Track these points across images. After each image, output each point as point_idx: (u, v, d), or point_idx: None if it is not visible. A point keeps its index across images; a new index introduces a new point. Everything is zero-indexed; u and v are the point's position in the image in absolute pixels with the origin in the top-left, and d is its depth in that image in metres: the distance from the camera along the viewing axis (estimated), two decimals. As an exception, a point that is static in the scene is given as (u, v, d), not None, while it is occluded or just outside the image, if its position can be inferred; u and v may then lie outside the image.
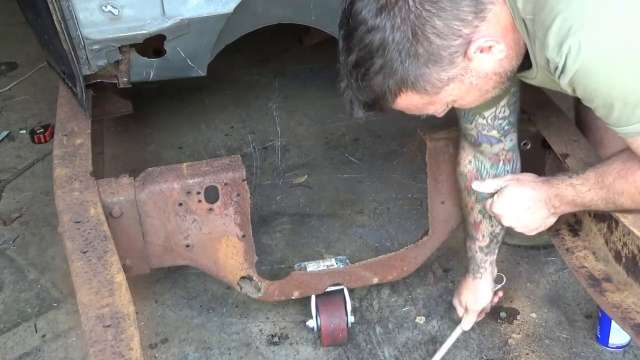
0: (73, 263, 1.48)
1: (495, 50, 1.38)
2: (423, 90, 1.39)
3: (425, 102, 1.43)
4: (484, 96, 1.47)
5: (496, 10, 1.36)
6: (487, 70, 1.40)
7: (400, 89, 1.38)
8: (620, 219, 1.55)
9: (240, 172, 1.76)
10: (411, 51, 1.33)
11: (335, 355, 2.01)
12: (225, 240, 1.83)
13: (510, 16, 1.38)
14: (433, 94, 1.40)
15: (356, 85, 1.39)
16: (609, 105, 1.34)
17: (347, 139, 2.96)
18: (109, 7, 1.84)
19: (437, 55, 1.34)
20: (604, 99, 1.33)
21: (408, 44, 1.32)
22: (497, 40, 1.37)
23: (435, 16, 1.31)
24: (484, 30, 1.35)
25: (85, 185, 1.75)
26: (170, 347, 2.07)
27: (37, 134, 3.05)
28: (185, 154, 2.92)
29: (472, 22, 1.34)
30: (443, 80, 1.38)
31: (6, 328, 2.15)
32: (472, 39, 1.35)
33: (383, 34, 1.32)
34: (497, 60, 1.40)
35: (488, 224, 1.87)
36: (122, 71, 2.04)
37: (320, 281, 1.97)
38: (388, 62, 1.34)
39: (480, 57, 1.37)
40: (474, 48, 1.35)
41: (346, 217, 2.53)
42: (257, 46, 3.57)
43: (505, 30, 1.39)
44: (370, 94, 1.40)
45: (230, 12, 1.93)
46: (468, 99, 1.47)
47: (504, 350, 2.00)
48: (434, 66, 1.36)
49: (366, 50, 1.34)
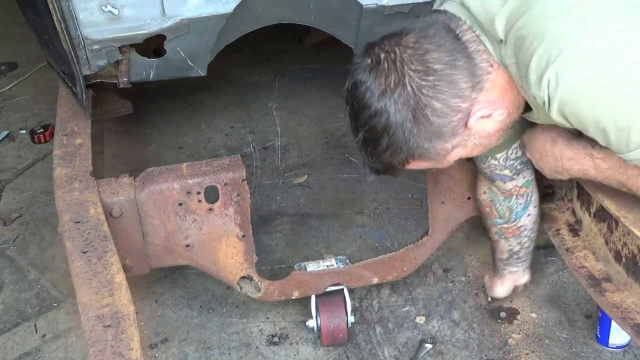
0: (73, 263, 1.49)
1: (495, 115, 1.43)
2: (429, 159, 1.47)
3: (433, 164, 1.51)
4: (488, 148, 1.54)
5: (492, 77, 1.40)
6: (489, 131, 1.46)
7: (407, 161, 1.47)
8: (620, 219, 1.55)
9: (240, 172, 1.76)
10: (413, 131, 1.40)
11: (335, 355, 2.01)
12: (225, 240, 1.83)
13: (506, 75, 1.42)
14: (439, 160, 1.49)
15: (367, 157, 1.49)
16: (602, 131, 1.34)
17: (347, 139, 2.96)
18: (109, 7, 1.84)
19: (439, 132, 1.41)
20: (595, 126, 1.34)
21: (410, 125, 1.39)
22: (496, 106, 1.42)
23: (434, 99, 1.37)
24: (482, 99, 1.40)
25: (85, 185, 1.75)
26: (170, 347, 2.07)
27: (37, 134, 3.05)
28: (185, 154, 2.92)
29: (469, 96, 1.39)
30: (447, 149, 1.46)
31: (6, 328, 2.15)
32: (471, 111, 1.40)
33: (386, 118, 1.39)
34: (497, 121, 1.45)
35: (505, 243, 1.98)
36: (122, 71, 2.04)
37: (320, 281, 1.97)
38: (393, 142, 1.42)
39: (481, 123, 1.42)
40: (474, 119, 1.41)
41: (346, 217, 2.53)
42: (257, 46, 3.57)
43: (503, 91, 1.43)
44: (380, 165, 1.49)
45: (230, 12, 1.93)
46: (474, 153, 1.54)
47: (504, 350, 2.00)
48: (437, 140, 1.42)
49: (371, 132, 1.43)
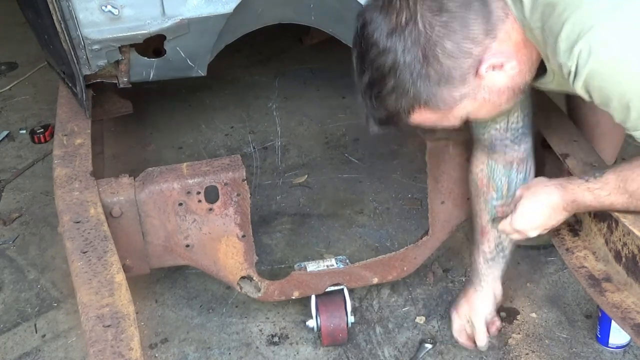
0: (73, 263, 1.48)
1: (507, 67, 1.39)
2: (436, 107, 1.40)
3: (438, 117, 1.44)
4: (497, 109, 1.49)
5: (507, 28, 1.37)
6: (499, 86, 1.41)
7: (413, 108, 1.40)
8: (620, 219, 1.55)
9: (240, 172, 1.76)
10: (422, 72, 1.34)
11: (335, 355, 2.01)
12: (225, 240, 1.83)
13: (521, 32, 1.39)
14: (446, 110, 1.42)
15: (370, 104, 1.42)
16: (625, 107, 1.33)
17: (347, 139, 2.96)
18: (109, 7, 1.84)
19: (448, 76, 1.36)
20: (620, 100, 1.32)
21: (419, 66, 1.34)
22: (509, 57, 1.38)
23: (446, 38, 1.32)
24: (495, 48, 1.36)
25: (85, 185, 1.75)
26: (170, 347, 2.07)
27: (37, 134, 3.05)
28: (185, 154, 2.92)
29: (483, 42, 1.35)
30: (455, 98, 1.40)
31: (6, 328, 2.15)
32: (483, 58, 1.35)
33: (394, 56, 1.34)
34: (509, 76, 1.40)
35: (495, 233, 1.86)
36: (122, 71, 2.04)
37: (320, 281, 1.97)
38: (400, 83, 1.36)
39: (492, 74, 1.38)
40: (485, 67, 1.36)
41: (346, 217, 2.53)
42: (257, 46, 3.57)
43: (517, 47, 1.39)
44: (384, 112, 1.42)
45: (230, 12, 1.93)
46: (482, 113, 1.48)
47: (504, 350, 2.00)
48: (446, 86, 1.37)
49: (378, 72, 1.37)
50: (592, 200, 1.53)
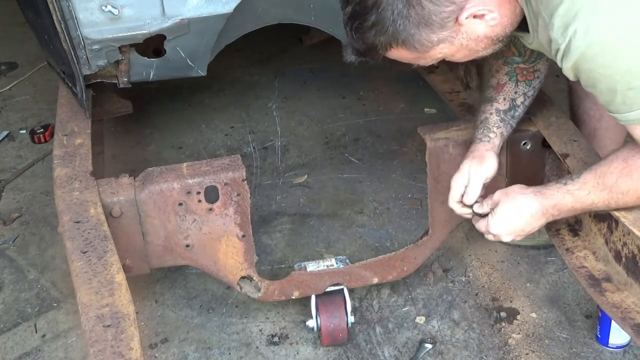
0: (73, 263, 1.49)
1: (487, 18, 1.41)
2: (413, 48, 1.44)
3: (415, 56, 1.48)
4: (474, 54, 1.51)
5: None
6: (478, 34, 1.44)
7: (390, 45, 1.43)
8: (620, 219, 1.55)
9: (240, 172, 1.76)
10: (403, 13, 1.37)
11: (335, 355, 2.01)
12: (225, 240, 1.83)
13: None
14: (423, 51, 1.45)
15: (350, 34, 1.45)
16: (612, 90, 1.35)
17: (347, 139, 2.96)
18: (109, 7, 1.84)
19: (428, 19, 1.38)
20: (607, 84, 1.34)
21: (401, 6, 1.37)
22: (491, 8, 1.40)
23: None
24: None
25: (85, 185, 1.75)
26: (170, 347, 2.07)
27: (37, 134, 3.05)
28: (185, 154, 2.92)
29: None
30: (433, 41, 1.43)
31: (6, 328, 2.15)
32: (465, 6, 1.38)
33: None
34: (489, 26, 1.43)
35: (512, 87, 1.80)
36: (122, 71, 2.04)
37: (320, 281, 1.97)
38: (380, 20, 1.39)
39: (472, 22, 1.40)
40: (466, 14, 1.39)
41: (346, 217, 2.53)
42: (257, 46, 3.57)
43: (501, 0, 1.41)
44: (362, 44, 1.45)
45: (230, 12, 1.93)
46: (457, 57, 1.50)
47: (504, 350, 2.00)
48: (425, 28, 1.40)
49: (361, 6, 1.40)
50: (574, 202, 1.54)
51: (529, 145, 1.93)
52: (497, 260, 2.30)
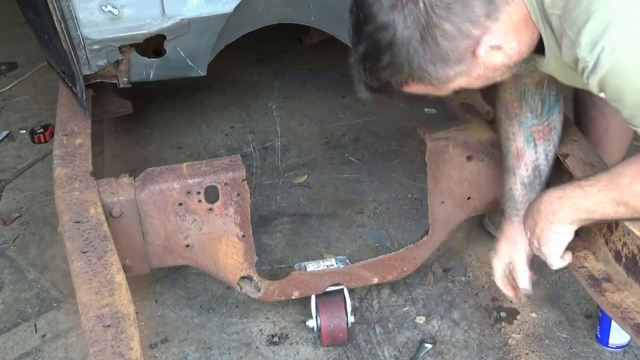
0: (73, 263, 1.49)
1: (506, 48, 1.37)
2: (430, 83, 1.40)
3: (431, 90, 1.44)
4: (491, 81, 1.48)
5: (510, 10, 1.34)
6: (495, 64, 1.40)
7: (407, 82, 1.40)
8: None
9: (240, 172, 1.76)
10: (419, 51, 1.33)
11: (335, 355, 2.01)
12: (225, 240, 1.83)
13: (525, 13, 1.37)
14: (440, 85, 1.42)
15: (364, 73, 1.40)
16: (637, 106, 1.32)
17: (347, 139, 2.96)
18: (109, 7, 1.84)
19: (444, 56, 1.34)
20: (634, 98, 1.32)
21: (416, 45, 1.32)
22: (509, 39, 1.36)
23: (446, 20, 1.30)
24: (496, 31, 1.34)
25: (85, 185, 1.75)
26: (170, 347, 2.07)
27: (37, 134, 3.05)
28: (185, 154, 2.92)
29: (483, 24, 1.32)
30: (450, 75, 1.39)
31: (6, 328, 2.15)
32: (482, 40, 1.34)
33: (393, 33, 1.32)
34: (508, 55, 1.39)
35: (532, 152, 1.79)
36: (122, 71, 2.04)
37: (320, 281, 1.97)
38: (395, 60, 1.35)
39: (490, 53, 1.36)
40: (484, 49, 1.35)
41: (346, 217, 2.53)
42: (257, 46, 3.57)
43: (517, 27, 1.37)
44: (377, 83, 1.41)
45: (230, 12, 1.93)
46: (475, 85, 1.47)
47: (504, 350, 2.00)
48: (442, 65, 1.36)
49: (374, 47, 1.35)
50: (581, 197, 1.52)
51: (529, 145, 1.93)
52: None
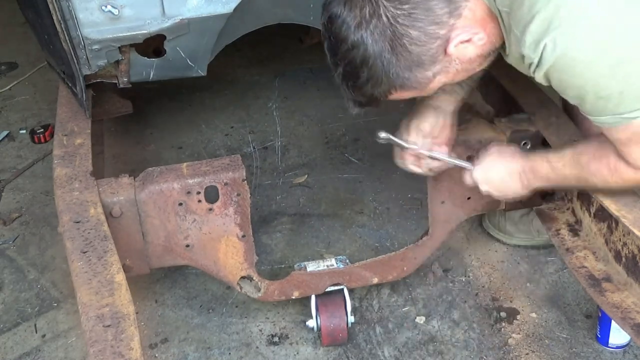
0: (73, 263, 1.48)
1: (475, 39, 1.43)
2: (411, 88, 1.47)
3: (416, 93, 1.52)
4: (471, 72, 1.54)
5: (470, 5, 1.40)
6: (469, 56, 1.46)
7: (390, 92, 1.47)
8: (620, 219, 1.55)
9: (240, 172, 1.76)
10: (392, 61, 1.40)
11: (335, 355, 2.01)
12: (225, 240, 1.83)
13: (486, 8, 1.42)
14: (422, 88, 1.48)
15: (348, 91, 1.49)
16: (581, 98, 1.40)
17: (347, 139, 2.96)
18: (109, 7, 1.83)
19: (418, 60, 1.41)
20: (577, 92, 1.39)
21: (388, 56, 1.39)
22: (476, 31, 1.42)
23: (410, 28, 1.36)
24: (461, 26, 1.40)
25: (85, 185, 1.75)
26: (170, 347, 2.07)
27: (37, 134, 3.05)
28: (185, 154, 2.92)
29: (447, 22, 1.38)
30: (429, 77, 1.45)
31: (6, 328, 2.15)
32: (450, 37, 1.40)
33: (364, 50, 1.39)
34: (478, 46, 1.45)
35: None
36: (122, 71, 2.04)
37: (320, 281, 1.97)
38: (373, 74, 1.42)
39: (460, 48, 1.42)
40: (454, 44, 1.41)
41: (346, 217, 2.53)
42: (257, 46, 3.57)
43: (482, 20, 1.43)
44: (362, 98, 1.49)
45: (230, 12, 1.93)
46: (456, 79, 1.53)
47: (504, 350, 2.00)
48: (417, 69, 1.42)
49: (351, 66, 1.43)
50: (548, 171, 1.63)
51: (529, 145, 1.93)
52: (497, 260, 2.30)
